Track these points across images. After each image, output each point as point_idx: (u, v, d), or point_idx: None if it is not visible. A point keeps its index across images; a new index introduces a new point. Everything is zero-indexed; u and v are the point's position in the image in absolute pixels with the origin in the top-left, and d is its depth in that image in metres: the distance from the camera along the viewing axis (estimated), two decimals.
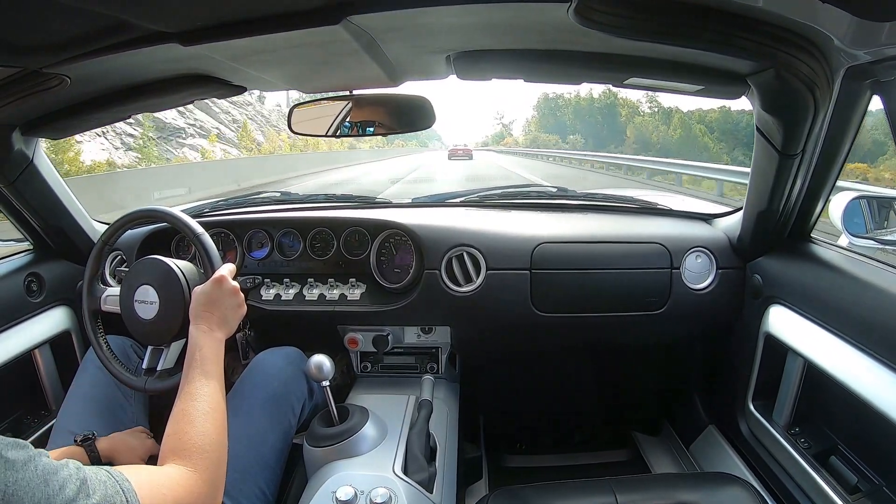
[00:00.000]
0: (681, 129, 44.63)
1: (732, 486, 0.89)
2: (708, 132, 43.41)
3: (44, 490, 0.47)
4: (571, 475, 1.09)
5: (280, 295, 1.24)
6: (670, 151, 40.63)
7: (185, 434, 0.67)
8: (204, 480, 0.63)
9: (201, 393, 0.72)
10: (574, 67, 0.86)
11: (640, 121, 49.45)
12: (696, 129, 44.31)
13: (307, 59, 0.85)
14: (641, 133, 47.60)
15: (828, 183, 0.96)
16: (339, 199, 1.50)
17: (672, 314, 1.20)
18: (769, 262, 1.12)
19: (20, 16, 0.59)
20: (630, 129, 49.11)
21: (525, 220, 1.28)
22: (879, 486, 0.87)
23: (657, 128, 47.42)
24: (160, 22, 0.66)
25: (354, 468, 0.90)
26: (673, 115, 46.73)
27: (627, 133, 49.16)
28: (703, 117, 46.42)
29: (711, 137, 42.52)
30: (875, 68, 0.71)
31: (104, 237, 1.02)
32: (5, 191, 1.13)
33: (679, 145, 42.84)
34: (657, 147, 43.87)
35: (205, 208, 1.47)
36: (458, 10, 0.67)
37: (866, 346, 0.82)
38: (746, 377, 1.17)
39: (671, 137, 44.73)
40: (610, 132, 51.68)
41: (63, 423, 0.95)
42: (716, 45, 0.65)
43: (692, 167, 10.77)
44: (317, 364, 0.92)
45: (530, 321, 1.20)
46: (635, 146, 44.79)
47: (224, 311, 0.85)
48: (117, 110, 1.03)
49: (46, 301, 1.25)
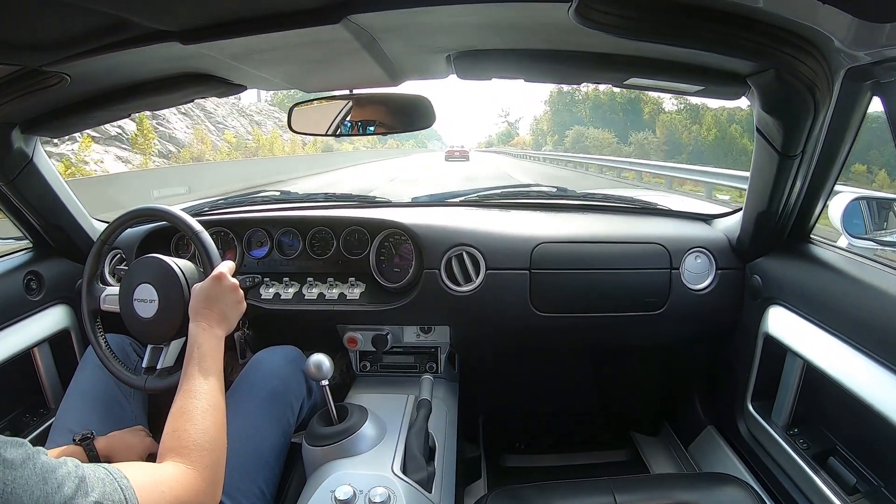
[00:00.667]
0: (715, 130, 40.59)
1: (731, 486, 0.89)
2: (745, 133, 38.30)
3: (42, 488, 0.47)
4: (570, 475, 1.10)
5: (279, 294, 1.24)
6: (704, 156, 36.71)
7: (185, 432, 0.67)
8: (203, 478, 0.63)
9: (201, 390, 0.72)
10: (574, 67, 0.86)
11: (668, 119, 44.68)
12: (733, 130, 40.29)
13: (307, 58, 0.85)
14: (671, 133, 42.89)
15: (827, 184, 0.96)
16: (339, 199, 1.50)
17: (671, 315, 1.20)
18: (769, 262, 1.12)
19: (20, 14, 0.59)
20: (659, 129, 44.17)
21: (525, 220, 1.28)
22: (878, 486, 0.87)
23: (688, 127, 42.80)
24: (160, 20, 0.66)
25: (353, 467, 0.90)
26: (703, 113, 42.11)
27: (657, 133, 44.11)
28: (732, 115, 41.73)
29: (750, 139, 40.24)
30: (875, 69, 0.71)
31: (103, 236, 1.02)
32: (5, 189, 1.13)
33: (714, 148, 38.99)
34: (689, 150, 39.72)
35: (204, 207, 1.47)
36: (459, 10, 0.67)
37: (865, 347, 0.82)
38: (745, 378, 1.17)
39: (705, 138, 40.77)
40: (635, 130, 45.98)
41: (62, 422, 0.95)
42: (716, 45, 0.65)
43: (710, 174, 9.33)
44: (316, 363, 0.92)
45: (529, 321, 1.20)
46: (666, 148, 40.65)
47: (223, 307, 0.85)
48: (117, 109, 1.03)
49: (46, 299, 1.25)
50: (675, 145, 41.84)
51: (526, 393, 1.71)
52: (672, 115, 45.77)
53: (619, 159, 17.33)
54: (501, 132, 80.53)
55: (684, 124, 43.77)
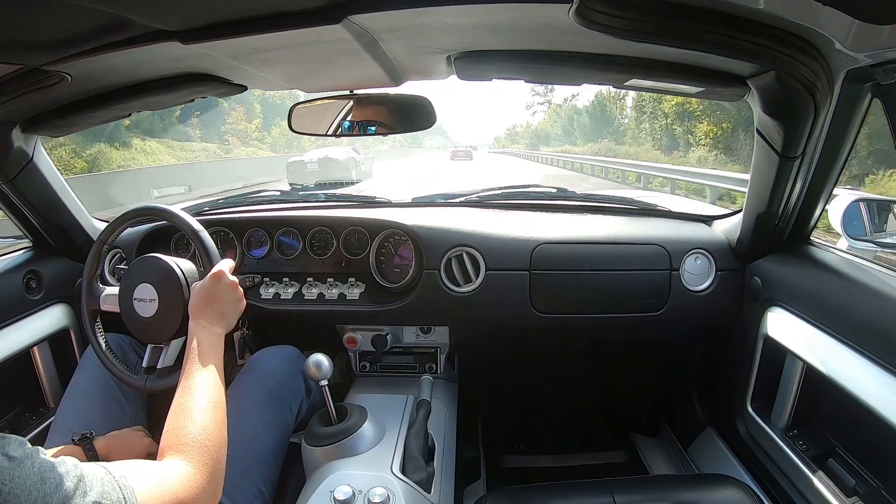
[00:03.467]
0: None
1: (730, 487, 0.89)
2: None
3: (41, 487, 0.47)
4: (569, 476, 1.10)
5: (279, 294, 1.24)
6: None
7: (185, 428, 0.66)
8: (203, 475, 0.63)
9: (201, 387, 0.72)
10: (575, 68, 0.86)
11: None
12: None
13: (308, 58, 0.85)
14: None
15: (827, 186, 0.96)
16: (339, 199, 1.50)
17: (671, 316, 1.20)
18: (768, 264, 1.12)
19: (21, 13, 0.59)
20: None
21: (525, 221, 1.28)
22: (877, 488, 0.87)
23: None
24: (161, 20, 0.66)
25: (352, 468, 0.90)
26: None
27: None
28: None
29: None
30: (876, 71, 0.71)
31: (103, 235, 1.02)
32: (5, 188, 1.13)
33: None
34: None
35: (204, 206, 1.47)
36: (459, 11, 0.67)
37: (865, 349, 0.82)
38: (745, 379, 1.17)
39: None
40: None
41: (61, 421, 0.95)
42: (716, 46, 0.65)
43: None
44: (315, 363, 0.92)
45: (529, 322, 1.20)
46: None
47: (223, 306, 0.85)
48: (117, 108, 1.03)
49: (45, 298, 1.25)
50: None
51: (525, 394, 1.70)
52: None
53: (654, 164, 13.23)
54: (534, 128, 51.42)
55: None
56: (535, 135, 46.13)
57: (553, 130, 43.33)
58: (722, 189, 7.95)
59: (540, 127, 48.62)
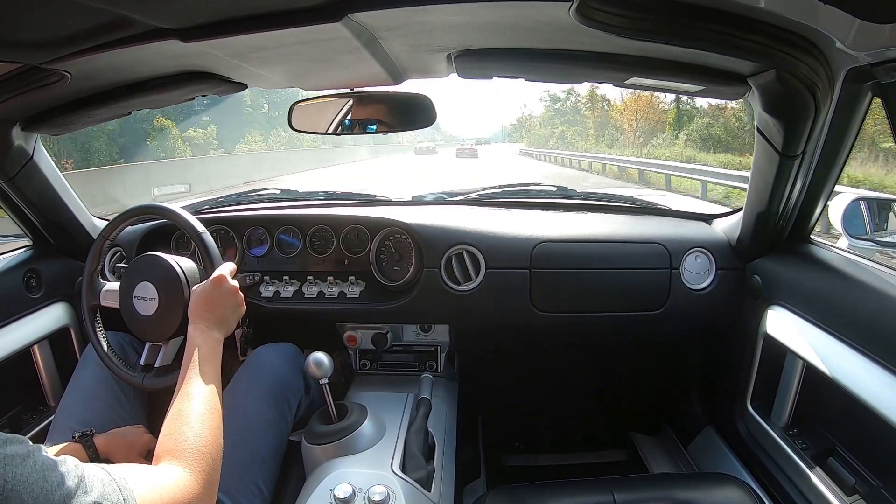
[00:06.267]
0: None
1: (730, 486, 0.89)
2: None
3: (42, 486, 0.47)
4: (569, 474, 1.10)
5: (279, 292, 1.24)
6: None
7: (182, 435, 0.67)
8: (199, 482, 0.63)
9: (198, 393, 0.72)
10: (575, 67, 0.86)
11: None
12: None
13: (308, 56, 0.85)
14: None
15: (828, 184, 0.96)
16: (339, 197, 1.50)
17: (671, 314, 1.20)
18: (769, 263, 1.12)
19: (21, 11, 0.59)
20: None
21: (525, 220, 1.28)
22: (877, 487, 0.87)
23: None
24: (161, 18, 0.66)
25: (352, 466, 0.90)
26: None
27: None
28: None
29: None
30: (876, 70, 0.70)
31: (104, 233, 1.03)
32: (5, 186, 1.13)
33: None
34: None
35: (204, 205, 1.47)
36: (459, 9, 0.67)
37: (865, 347, 0.82)
38: (745, 378, 1.17)
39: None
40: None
41: (61, 419, 0.95)
42: (717, 45, 0.65)
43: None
44: (316, 361, 0.92)
45: (529, 320, 1.20)
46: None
47: (223, 310, 0.86)
48: (118, 107, 1.03)
49: (45, 297, 1.25)
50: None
51: (525, 392, 1.71)
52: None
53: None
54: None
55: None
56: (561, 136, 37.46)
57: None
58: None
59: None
